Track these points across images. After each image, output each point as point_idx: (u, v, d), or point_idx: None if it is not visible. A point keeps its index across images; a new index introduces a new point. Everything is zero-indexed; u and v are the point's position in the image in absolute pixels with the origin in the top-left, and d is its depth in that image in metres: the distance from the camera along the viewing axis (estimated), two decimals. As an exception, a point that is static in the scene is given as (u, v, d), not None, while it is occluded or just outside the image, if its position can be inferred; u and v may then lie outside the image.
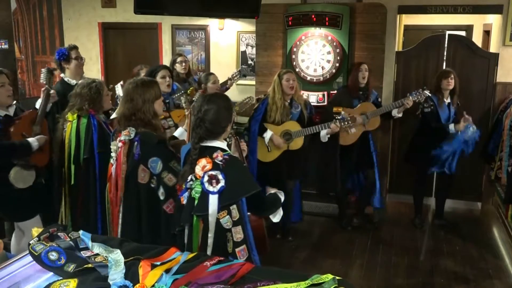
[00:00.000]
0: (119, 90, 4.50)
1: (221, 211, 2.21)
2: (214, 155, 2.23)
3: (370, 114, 4.46)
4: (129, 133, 2.68)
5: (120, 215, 2.74)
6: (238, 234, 2.26)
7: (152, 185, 2.61)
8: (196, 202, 2.25)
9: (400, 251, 4.32)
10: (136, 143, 2.65)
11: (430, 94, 4.46)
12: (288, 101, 4.32)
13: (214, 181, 2.19)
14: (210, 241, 2.22)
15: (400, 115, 4.53)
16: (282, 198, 2.52)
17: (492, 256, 4.22)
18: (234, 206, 2.25)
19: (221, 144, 2.32)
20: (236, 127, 3.68)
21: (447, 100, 4.53)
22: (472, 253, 4.28)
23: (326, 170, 4.64)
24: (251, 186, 2.29)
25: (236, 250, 2.26)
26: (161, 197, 2.60)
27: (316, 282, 1.64)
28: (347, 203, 4.98)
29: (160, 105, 2.84)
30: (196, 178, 2.25)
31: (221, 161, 2.21)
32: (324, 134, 4.29)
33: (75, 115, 3.20)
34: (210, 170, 2.20)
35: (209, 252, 2.21)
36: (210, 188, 2.19)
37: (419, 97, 4.41)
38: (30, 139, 3.23)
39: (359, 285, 3.70)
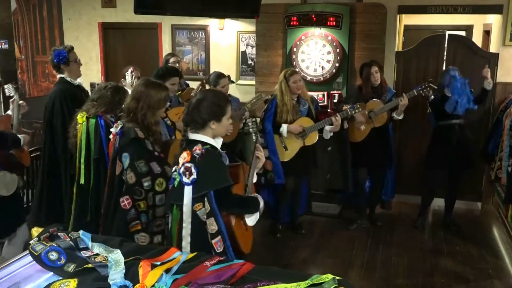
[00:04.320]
0: (129, 78, 4.47)
1: (196, 203, 2.31)
2: (194, 148, 2.31)
3: (378, 111, 4.47)
4: (118, 125, 2.82)
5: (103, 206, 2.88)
6: (212, 225, 2.33)
7: (123, 178, 2.70)
8: (175, 191, 2.36)
9: (400, 251, 4.31)
10: (118, 136, 2.79)
11: (436, 87, 4.42)
12: (295, 99, 4.35)
13: (187, 173, 2.28)
14: (185, 231, 2.32)
15: (400, 117, 4.51)
16: (261, 203, 2.55)
17: (492, 256, 4.22)
18: (206, 198, 2.32)
19: (205, 138, 2.37)
20: (255, 125, 3.65)
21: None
22: (472, 253, 4.28)
23: (337, 168, 4.72)
24: (219, 180, 2.35)
25: (213, 241, 2.33)
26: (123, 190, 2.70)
27: (316, 282, 1.64)
28: (366, 203, 4.92)
29: (163, 111, 2.97)
30: (178, 169, 2.34)
31: (198, 154, 2.30)
32: (327, 130, 4.32)
33: (84, 117, 3.23)
34: (187, 162, 2.30)
35: (184, 243, 2.30)
36: (185, 180, 2.29)
37: (425, 90, 4.36)
38: (18, 135, 3.39)
39: (359, 285, 3.70)
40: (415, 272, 3.95)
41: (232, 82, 4.95)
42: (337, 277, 1.66)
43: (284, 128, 4.30)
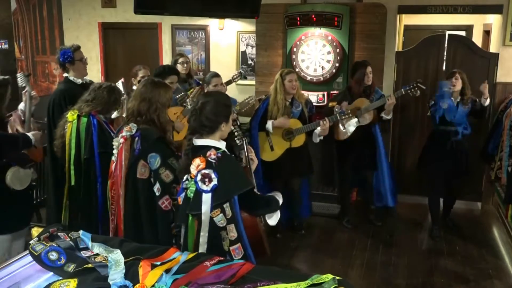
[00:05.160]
0: (120, 87, 4.48)
1: (214, 210, 2.22)
2: (208, 153, 2.23)
3: (364, 109, 4.44)
4: (130, 129, 2.71)
5: (122, 212, 2.75)
6: (232, 232, 2.27)
7: (152, 180, 2.64)
8: (190, 201, 2.27)
9: (400, 251, 4.31)
10: (137, 138, 2.69)
11: (424, 87, 4.39)
12: (289, 100, 4.33)
13: (207, 179, 2.19)
14: (202, 240, 2.23)
15: (389, 117, 4.47)
16: (280, 201, 2.51)
17: (492, 256, 4.22)
18: (227, 204, 2.25)
19: (215, 142, 2.31)
20: (238, 129, 3.66)
21: (456, 100, 4.42)
22: (472, 253, 4.27)
23: (324, 166, 4.63)
24: (244, 183, 2.30)
25: (231, 248, 2.27)
26: (157, 193, 2.62)
27: (316, 282, 1.64)
28: (349, 201, 4.95)
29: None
30: (191, 178, 2.26)
31: (214, 159, 2.22)
32: (316, 134, 4.27)
33: (75, 115, 3.19)
34: (204, 169, 2.21)
35: (201, 250, 2.22)
36: (203, 187, 2.19)
37: (413, 90, 4.33)
38: (28, 133, 3.33)
39: (359, 285, 3.70)
40: (415, 272, 3.95)
41: (245, 78, 4.95)
42: (337, 277, 1.67)
43: (269, 124, 4.25)
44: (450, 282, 3.78)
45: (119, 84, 4.46)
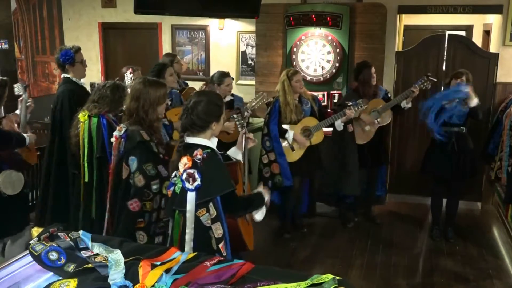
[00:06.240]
0: (128, 78, 4.47)
1: (200, 209, 2.28)
2: (194, 153, 2.28)
3: (381, 109, 4.48)
4: (121, 129, 2.77)
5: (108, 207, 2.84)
6: (218, 230, 2.32)
7: (131, 181, 2.69)
8: (177, 197, 2.33)
9: (400, 251, 4.31)
10: (122, 139, 2.75)
11: (435, 79, 4.49)
12: (297, 99, 4.35)
13: (191, 179, 2.25)
14: (187, 237, 2.29)
15: (409, 105, 4.54)
16: (266, 198, 2.55)
17: (492, 256, 4.22)
18: (211, 203, 2.30)
19: (205, 141, 2.35)
20: (240, 117, 3.68)
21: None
22: (472, 253, 4.27)
23: (343, 172, 4.62)
24: (224, 185, 2.33)
25: (220, 245, 2.31)
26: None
27: (316, 282, 1.64)
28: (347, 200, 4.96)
29: (164, 108, 2.92)
30: (179, 175, 2.31)
31: (199, 159, 2.26)
32: (339, 123, 4.33)
33: (86, 116, 3.23)
34: (189, 168, 2.26)
35: (187, 248, 2.27)
36: (188, 186, 2.25)
37: (425, 84, 4.43)
38: (24, 134, 3.37)
39: (359, 285, 3.70)
40: (415, 272, 3.95)
41: (232, 79, 4.98)
42: (337, 277, 1.66)
43: (290, 135, 4.29)
44: (450, 282, 3.78)
45: (127, 75, 4.44)
